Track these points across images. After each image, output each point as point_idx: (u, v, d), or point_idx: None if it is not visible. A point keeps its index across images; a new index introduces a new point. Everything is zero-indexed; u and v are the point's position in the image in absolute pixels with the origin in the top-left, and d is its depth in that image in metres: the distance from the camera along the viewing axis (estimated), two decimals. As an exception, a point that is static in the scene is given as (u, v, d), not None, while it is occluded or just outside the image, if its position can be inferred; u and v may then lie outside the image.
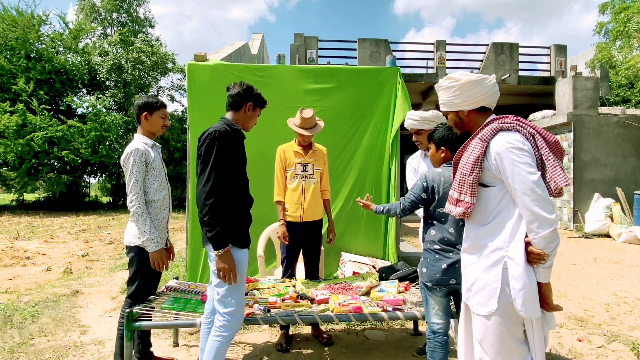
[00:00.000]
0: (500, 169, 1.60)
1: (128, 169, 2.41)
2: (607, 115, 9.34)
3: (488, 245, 1.67)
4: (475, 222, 1.74)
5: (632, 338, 3.19)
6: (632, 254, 6.43)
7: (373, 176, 4.08)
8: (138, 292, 2.50)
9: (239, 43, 11.52)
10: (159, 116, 2.57)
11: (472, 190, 1.67)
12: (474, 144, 1.69)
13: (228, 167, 2.08)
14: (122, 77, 16.34)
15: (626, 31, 10.20)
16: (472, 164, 1.66)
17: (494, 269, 1.63)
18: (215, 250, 2.02)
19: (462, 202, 1.72)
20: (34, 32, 14.50)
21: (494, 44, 12.70)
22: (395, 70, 4.13)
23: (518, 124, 1.65)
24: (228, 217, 2.07)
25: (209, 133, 2.06)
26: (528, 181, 1.53)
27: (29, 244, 7.58)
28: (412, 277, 3.13)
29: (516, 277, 1.57)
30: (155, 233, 2.42)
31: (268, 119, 3.80)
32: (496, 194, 1.66)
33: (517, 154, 1.56)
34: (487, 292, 1.65)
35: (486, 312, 1.64)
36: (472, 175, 1.66)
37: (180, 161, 16.69)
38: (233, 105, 2.22)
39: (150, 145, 2.55)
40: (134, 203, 2.38)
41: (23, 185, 14.22)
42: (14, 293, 4.52)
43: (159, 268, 2.45)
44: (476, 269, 1.71)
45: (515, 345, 1.64)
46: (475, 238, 1.73)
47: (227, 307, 2.08)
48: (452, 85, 1.79)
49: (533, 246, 1.55)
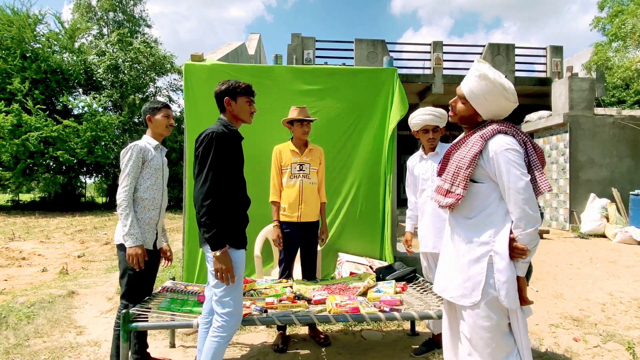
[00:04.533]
0: (495, 167, 1.69)
1: (124, 162, 2.44)
2: (603, 116, 9.39)
3: (473, 239, 1.75)
4: (460, 215, 1.82)
5: (628, 338, 3.21)
6: (627, 254, 6.46)
7: (370, 177, 4.08)
8: (130, 291, 2.49)
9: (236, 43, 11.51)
10: (162, 116, 2.63)
11: (465, 183, 1.75)
12: (474, 140, 1.75)
13: (225, 168, 2.08)
14: (118, 77, 16.28)
15: (622, 34, 10.25)
16: (471, 158, 1.73)
17: (480, 262, 1.71)
18: (213, 251, 2.02)
19: (453, 194, 1.78)
20: (29, 32, 14.42)
21: (490, 44, 12.75)
22: (392, 70, 4.13)
23: (515, 130, 1.75)
24: (225, 218, 2.07)
25: (207, 134, 2.06)
26: (522, 181, 1.64)
27: (24, 245, 7.53)
28: (409, 277, 3.13)
29: (501, 270, 1.67)
30: (136, 229, 2.40)
31: (265, 119, 3.80)
32: (484, 191, 1.75)
33: (514, 155, 1.67)
34: (470, 284, 1.72)
35: (469, 302, 1.72)
36: (468, 170, 1.73)
37: (177, 161, 16.65)
38: (219, 107, 2.27)
39: (153, 145, 2.60)
40: (121, 196, 2.40)
41: (18, 185, 14.14)
42: (9, 294, 4.49)
43: (134, 264, 2.38)
44: (459, 262, 1.78)
45: (502, 338, 1.71)
46: (459, 230, 1.81)
47: (225, 308, 2.07)
48: (501, 97, 1.73)
49: (518, 242, 1.66)
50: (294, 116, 3.09)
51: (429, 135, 2.88)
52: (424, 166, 2.96)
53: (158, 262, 2.73)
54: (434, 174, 2.82)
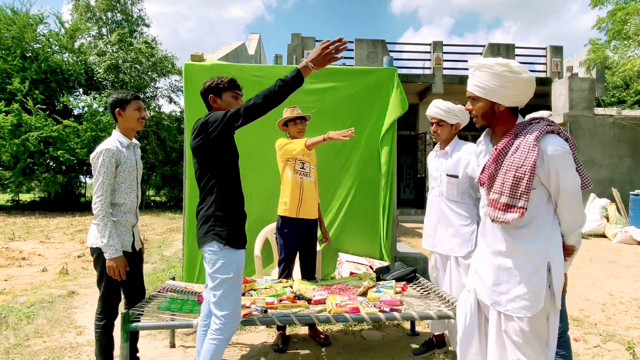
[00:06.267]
0: (550, 171, 1.59)
1: (96, 168, 2.30)
2: (603, 116, 9.40)
3: (527, 248, 1.64)
4: (513, 225, 1.67)
5: (628, 338, 3.21)
6: (627, 254, 6.46)
7: (370, 177, 4.07)
8: (108, 295, 2.39)
9: (236, 43, 11.52)
10: (133, 109, 2.42)
11: (528, 194, 1.59)
12: (527, 145, 1.60)
13: (221, 161, 2.09)
14: (119, 77, 16.28)
15: (625, 32, 10.17)
16: (531, 167, 1.57)
17: (539, 272, 1.63)
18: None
19: (516, 208, 1.61)
20: (30, 32, 14.42)
21: (490, 44, 12.75)
22: (392, 71, 4.13)
23: (559, 127, 1.68)
24: (223, 214, 2.07)
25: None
26: (576, 184, 1.62)
27: (24, 245, 7.53)
28: (409, 277, 3.13)
29: (558, 274, 1.64)
30: (116, 239, 2.29)
31: (264, 119, 3.77)
32: (537, 197, 1.64)
33: (569, 158, 1.62)
34: (532, 295, 1.63)
35: (531, 313, 1.63)
36: (531, 180, 1.58)
37: (177, 161, 16.66)
38: (208, 107, 2.26)
39: (125, 145, 2.43)
40: (97, 205, 2.28)
41: (18, 185, 14.13)
42: (9, 294, 4.49)
43: (116, 276, 2.29)
44: (515, 274, 1.66)
45: (544, 343, 1.69)
46: (511, 241, 1.68)
47: (224, 310, 2.05)
48: (504, 74, 1.64)
49: (567, 242, 1.67)
50: (287, 116, 3.10)
51: (432, 128, 2.83)
52: (435, 164, 2.87)
53: (140, 262, 2.63)
54: (442, 174, 2.75)
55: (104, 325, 2.41)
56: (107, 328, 2.42)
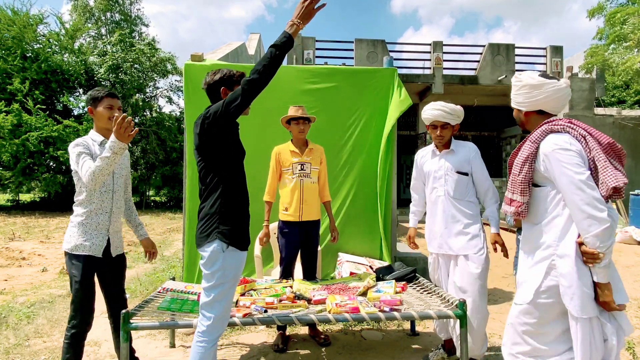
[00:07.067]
0: (548, 170, 1.69)
1: (74, 160, 2.15)
2: (603, 116, 9.41)
3: (540, 244, 1.74)
4: (530, 222, 1.82)
5: (628, 338, 3.21)
6: (627, 254, 6.46)
7: (370, 176, 4.07)
8: (78, 301, 2.22)
9: (236, 43, 11.53)
10: (104, 107, 2.27)
11: (522, 189, 1.76)
12: (525, 146, 1.78)
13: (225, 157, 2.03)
14: (119, 77, 16.28)
15: (622, 33, 10.18)
16: (521, 164, 1.76)
17: (539, 265, 1.72)
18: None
19: (514, 202, 1.81)
20: (30, 32, 14.42)
21: (490, 44, 12.75)
22: (392, 70, 4.14)
23: (569, 125, 1.70)
24: (227, 214, 1.99)
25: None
26: (575, 180, 1.57)
27: (24, 245, 7.53)
28: (409, 277, 3.13)
29: (565, 274, 1.63)
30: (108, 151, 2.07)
31: (265, 119, 3.80)
32: (546, 194, 1.74)
33: (563, 154, 1.62)
34: (528, 285, 1.74)
35: (520, 301, 1.76)
36: (520, 175, 1.76)
37: (177, 161, 16.67)
38: (212, 99, 2.10)
39: (99, 142, 2.28)
40: (86, 174, 2.07)
41: (18, 185, 14.13)
42: (9, 294, 4.50)
43: (124, 125, 2.02)
44: (524, 266, 1.81)
45: (543, 342, 1.73)
46: (529, 237, 1.82)
47: (212, 312, 1.96)
48: (516, 84, 1.88)
49: (586, 245, 1.57)
50: (290, 114, 3.11)
51: (436, 132, 2.70)
52: (436, 163, 2.77)
53: (120, 270, 2.45)
54: (447, 173, 2.69)
55: (73, 335, 2.21)
56: (76, 338, 2.23)
